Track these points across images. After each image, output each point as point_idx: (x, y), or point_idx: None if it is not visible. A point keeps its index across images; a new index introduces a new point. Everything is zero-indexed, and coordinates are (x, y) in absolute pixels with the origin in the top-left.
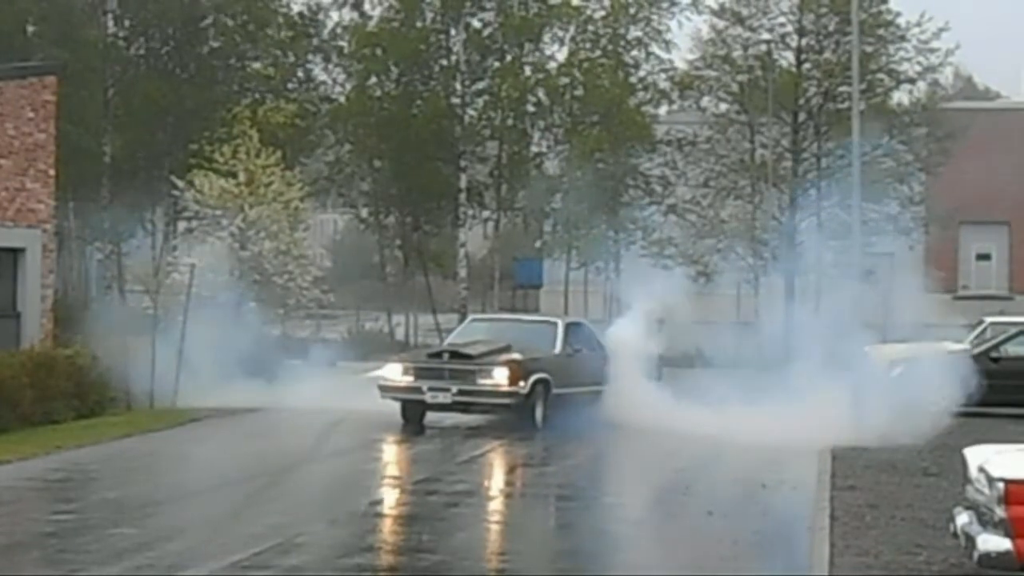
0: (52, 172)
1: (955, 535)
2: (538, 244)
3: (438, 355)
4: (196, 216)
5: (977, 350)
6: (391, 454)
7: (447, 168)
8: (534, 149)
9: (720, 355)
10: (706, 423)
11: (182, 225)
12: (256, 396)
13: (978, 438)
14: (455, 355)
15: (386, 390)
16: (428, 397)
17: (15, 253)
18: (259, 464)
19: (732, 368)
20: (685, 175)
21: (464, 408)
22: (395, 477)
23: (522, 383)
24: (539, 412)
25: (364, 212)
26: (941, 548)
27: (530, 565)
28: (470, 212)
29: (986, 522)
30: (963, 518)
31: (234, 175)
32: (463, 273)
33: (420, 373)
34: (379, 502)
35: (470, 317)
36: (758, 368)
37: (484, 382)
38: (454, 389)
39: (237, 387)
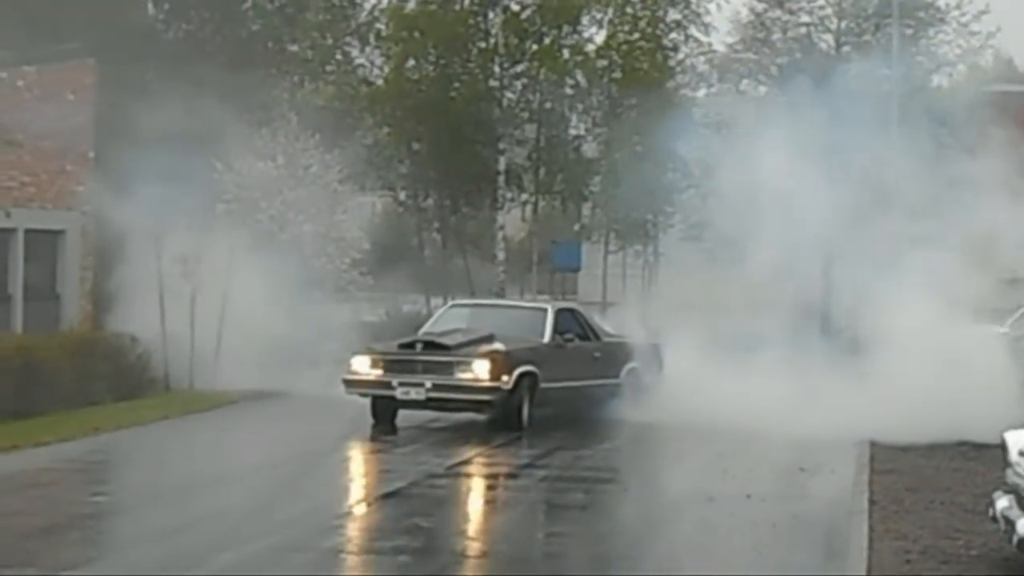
0: (92, 154)
1: (994, 519)
2: (576, 227)
3: (411, 345)
4: (235, 198)
5: (1018, 333)
6: (426, 438)
7: (485, 151)
8: (572, 132)
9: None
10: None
11: (221, 207)
12: (294, 379)
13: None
14: (430, 345)
15: (352, 384)
16: (399, 393)
17: (55, 235)
18: (295, 447)
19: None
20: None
21: (439, 406)
22: (429, 460)
23: (505, 377)
24: (525, 410)
25: (403, 195)
26: (980, 532)
27: (568, 547)
28: (508, 195)
29: None
30: (1003, 502)
31: (273, 158)
32: (501, 256)
33: (390, 366)
34: (415, 484)
35: (450, 303)
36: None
37: (462, 376)
38: (428, 384)
39: (275, 370)
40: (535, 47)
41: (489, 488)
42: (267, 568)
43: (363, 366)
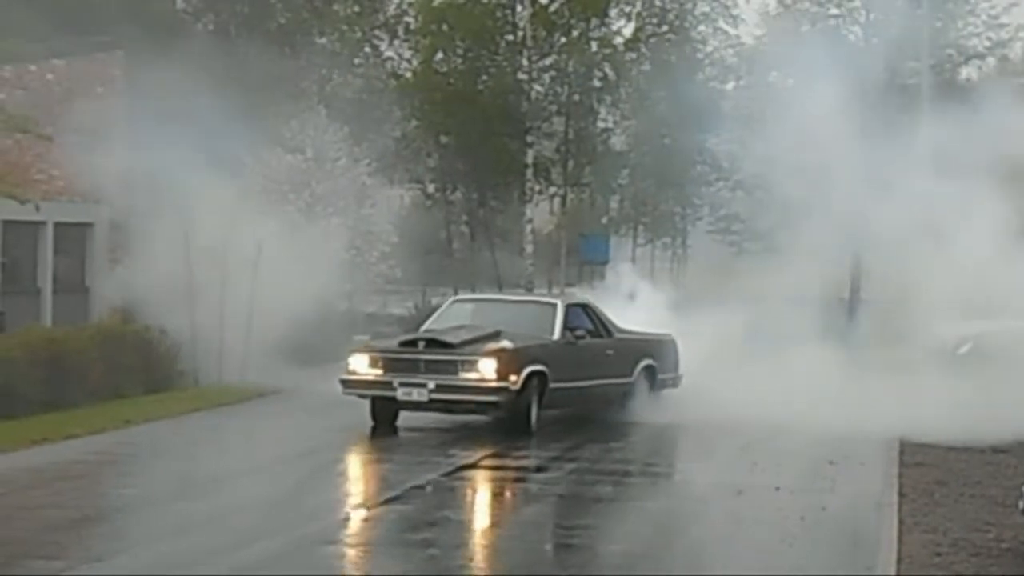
0: (121, 147)
1: None
2: (604, 220)
3: (412, 343)
4: (264, 191)
5: None
6: (456, 430)
7: (514, 144)
8: (601, 125)
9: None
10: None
11: (250, 201)
12: (321, 373)
13: None
14: (433, 343)
15: (350, 385)
16: (400, 394)
17: (84, 228)
18: (323, 440)
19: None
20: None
21: (444, 407)
22: (457, 453)
23: (513, 377)
24: (533, 411)
25: (431, 187)
26: (1011, 525)
27: (596, 540)
28: (537, 188)
29: None
30: None
31: (302, 150)
32: (529, 249)
33: (391, 365)
34: (443, 477)
35: (452, 298)
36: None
37: (467, 376)
38: (431, 384)
39: (303, 364)
40: (563, 40)
41: (518, 480)
42: (295, 560)
43: (362, 365)
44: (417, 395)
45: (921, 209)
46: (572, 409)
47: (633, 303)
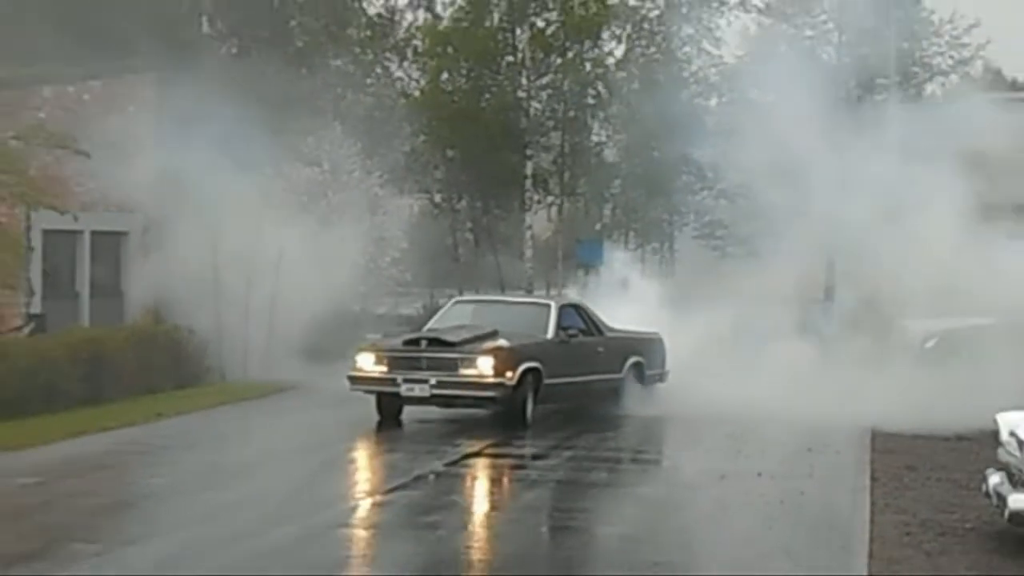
0: (152, 161)
1: (987, 495)
2: (598, 226)
3: (415, 342)
4: (284, 201)
5: None
6: (461, 422)
7: (514, 157)
8: (594, 138)
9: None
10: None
11: (271, 210)
12: (336, 369)
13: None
14: (434, 342)
15: (356, 381)
16: (403, 390)
17: (119, 236)
18: (337, 432)
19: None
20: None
21: (444, 402)
22: (463, 443)
23: (509, 373)
24: (529, 406)
25: (438, 198)
26: (974, 507)
27: (592, 522)
28: (535, 197)
29: (1016, 482)
30: (995, 479)
31: (319, 164)
32: (529, 253)
33: (394, 362)
34: (449, 465)
35: (453, 299)
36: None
37: (466, 372)
38: (432, 380)
39: (320, 361)
40: (559, 60)
41: (518, 468)
42: (314, 542)
43: (368, 363)
44: (419, 391)
45: (890, 213)
46: (566, 403)
47: (627, 294)
